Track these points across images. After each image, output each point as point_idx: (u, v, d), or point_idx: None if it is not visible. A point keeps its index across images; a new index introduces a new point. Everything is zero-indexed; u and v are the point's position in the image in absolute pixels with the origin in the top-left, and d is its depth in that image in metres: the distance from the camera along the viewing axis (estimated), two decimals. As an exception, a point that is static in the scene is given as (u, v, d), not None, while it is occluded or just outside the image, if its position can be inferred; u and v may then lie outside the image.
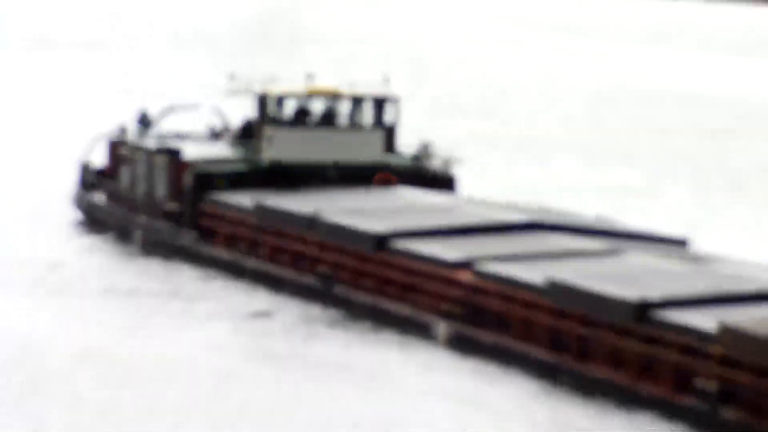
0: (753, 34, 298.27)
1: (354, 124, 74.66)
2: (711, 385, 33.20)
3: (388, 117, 74.41)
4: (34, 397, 40.80)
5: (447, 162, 74.35)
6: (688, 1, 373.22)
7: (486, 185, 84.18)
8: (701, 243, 60.20)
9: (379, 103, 73.51)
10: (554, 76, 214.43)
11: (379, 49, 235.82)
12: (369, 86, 77.16)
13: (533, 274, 47.44)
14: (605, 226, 62.73)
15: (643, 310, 38.66)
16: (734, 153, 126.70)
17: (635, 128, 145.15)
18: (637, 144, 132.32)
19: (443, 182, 72.34)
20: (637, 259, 52.76)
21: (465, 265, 50.94)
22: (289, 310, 56.01)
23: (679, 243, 58.32)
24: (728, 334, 34.07)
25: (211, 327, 52.82)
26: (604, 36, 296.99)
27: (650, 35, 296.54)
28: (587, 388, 39.23)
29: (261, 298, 58.78)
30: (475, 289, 49.68)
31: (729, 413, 32.36)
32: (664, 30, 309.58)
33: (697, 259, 52.92)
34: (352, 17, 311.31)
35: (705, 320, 35.00)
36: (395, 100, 75.50)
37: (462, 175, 76.91)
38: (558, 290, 43.95)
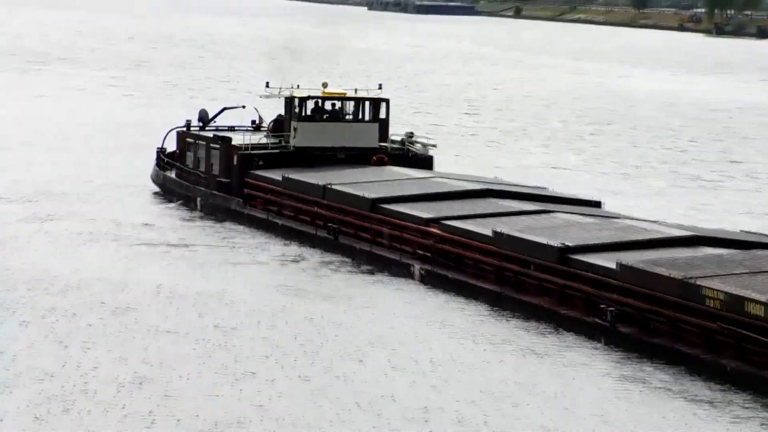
0: (669, 53, 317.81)
1: (356, 119, 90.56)
2: (612, 309, 46.79)
3: (381, 114, 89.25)
4: (117, 322, 52.44)
5: (425, 147, 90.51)
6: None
7: (463, 164, 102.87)
8: (612, 205, 74.73)
9: (375, 104, 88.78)
10: (518, 84, 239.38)
11: (389, 64, 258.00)
12: (368, 91, 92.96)
13: (484, 228, 61.40)
14: (540, 192, 78.22)
15: (563, 253, 52.96)
16: (648, 141, 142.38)
17: (578, 122, 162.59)
18: (578, 134, 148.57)
19: (423, 161, 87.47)
20: (562, 216, 66.04)
21: (434, 221, 64.99)
22: (310, 257, 68.54)
23: (595, 204, 72.10)
24: (626, 270, 48.41)
25: (252, 269, 66.26)
26: (557, 55, 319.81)
27: (593, 55, 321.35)
28: (524, 312, 52.56)
29: (289, 248, 71.06)
30: (441, 239, 63.42)
31: (625, 329, 46.37)
32: (600, 50, 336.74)
33: (607, 217, 67.02)
34: (370, 41, 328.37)
35: (609, 261, 49.31)
36: (387, 101, 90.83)
37: (445, 156, 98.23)
38: (501, 239, 57.95)
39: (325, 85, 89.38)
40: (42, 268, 63.79)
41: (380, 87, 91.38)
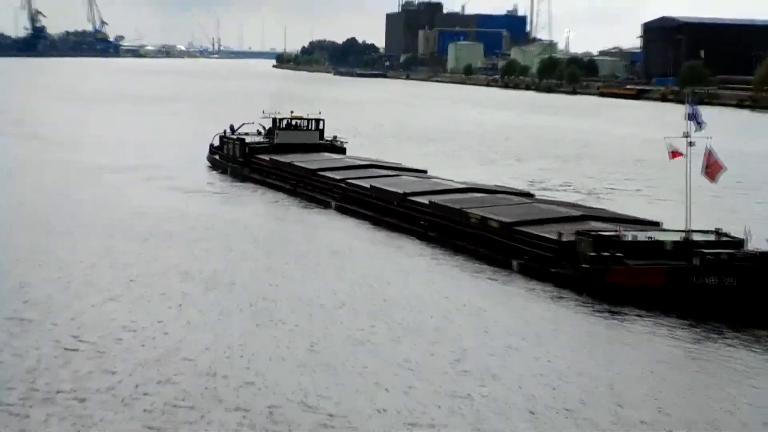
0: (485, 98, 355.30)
1: (307, 128, 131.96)
2: (424, 223, 77.97)
3: (320, 126, 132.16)
4: (184, 227, 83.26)
5: (342, 143, 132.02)
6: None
7: (363, 152, 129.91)
8: (435, 173, 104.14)
9: (317, 121, 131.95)
10: (408, 113, 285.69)
11: (342, 105, 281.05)
12: (312, 115, 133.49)
13: (366, 183, 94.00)
14: (399, 166, 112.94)
15: (405, 196, 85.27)
16: (477, 143, 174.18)
17: (444, 135, 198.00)
18: (440, 140, 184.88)
19: (340, 150, 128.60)
20: (406, 178, 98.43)
21: (342, 180, 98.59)
22: (282, 199, 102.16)
23: (423, 172, 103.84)
24: (433, 205, 79.07)
25: (249, 202, 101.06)
26: (432, 98, 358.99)
27: (447, 98, 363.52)
28: (385, 225, 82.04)
29: (269, 195, 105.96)
30: (345, 189, 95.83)
31: (432, 233, 77.32)
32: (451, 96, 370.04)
33: (429, 178, 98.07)
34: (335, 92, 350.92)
35: (425, 199, 79.67)
36: (323, 120, 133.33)
37: (352, 148, 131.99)
38: (375, 189, 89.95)
39: (292, 111, 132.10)
40: (140, 204, 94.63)
41: (320, 112, 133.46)
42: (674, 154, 59.53)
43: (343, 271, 64.98)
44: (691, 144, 58.03)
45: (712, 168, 57.28)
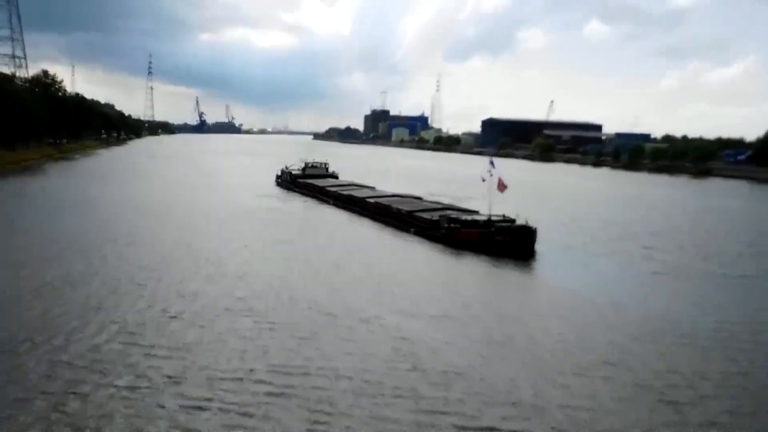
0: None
1: (321, 166, 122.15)
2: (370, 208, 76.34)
3: (327, 166, 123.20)
4: (254, 217, 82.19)
5: (336, 173, 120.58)
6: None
7: (349, 177, 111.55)
8: (426, 197, 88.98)
9: (325, 163, 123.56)
10: (393, 164, 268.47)
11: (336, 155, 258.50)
12: (323, 162, 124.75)
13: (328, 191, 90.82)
14: (358, 184, 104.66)
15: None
16: (405, 178, 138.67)
17: (406, 175, 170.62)
18: (408, 178, 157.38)
19: (336, 176, 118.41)
20: (359, 191, 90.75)
21: (332, 186, 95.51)
22: (311, 202, 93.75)
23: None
24: (371, 201, 78.56)
25: (296, 203, 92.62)
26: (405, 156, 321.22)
27: (414, 156, 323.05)
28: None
29: (308, 201, 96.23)
30: (338, 194, 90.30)
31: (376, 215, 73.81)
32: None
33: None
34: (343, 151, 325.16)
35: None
36: (327, 164, 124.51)
37: (344, 176, 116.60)
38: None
39: (306, 161, 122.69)
40: (245, 201, 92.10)
41: (326, 162, 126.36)
42: (484, 179, 62.29)
43: (332, 231, 67.37)
44: (491, 174, 60.46)
45: (500, 186, 60.02)
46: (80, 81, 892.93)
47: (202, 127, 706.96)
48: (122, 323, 31.80)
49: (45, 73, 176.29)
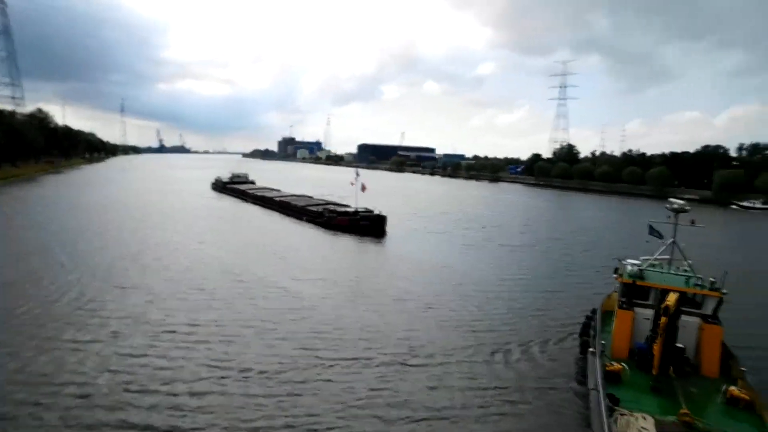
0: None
1: (244, 176, 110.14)
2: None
3: (249, 176, 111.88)
4: (202, 213, 79.70)
5: (254, 181, 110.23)
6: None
7: (266, 183, 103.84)
8: (317, 196, 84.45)
9: (246, 174, 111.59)
10: (298, 175, 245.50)
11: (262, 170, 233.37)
12: (245, 171, 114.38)
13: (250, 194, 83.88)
14: (274, 188, 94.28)
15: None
16: (330, 182, 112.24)
17: (311, 183, 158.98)
18: (307, 182, 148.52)
19: (254, 183, 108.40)
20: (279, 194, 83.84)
21: (255, 189, 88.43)
22: (235, 200, 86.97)
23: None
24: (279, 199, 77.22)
25: (228, 200, 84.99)
26: (304, 168, 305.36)
27: (311, 169, 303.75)
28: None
29: (230, 199, 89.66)
30: (255, 195, 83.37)
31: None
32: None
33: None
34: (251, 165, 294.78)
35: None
36: (248, 173, 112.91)
37: (261, 183, 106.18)
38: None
39: (233, 172, 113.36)
40: (185, 201, 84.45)
41: (247, 173, 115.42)
42: (352, 183, 61.01)
43: (249, 219, 63.52)
44: (356, 180, 58.85)
45: (363, 188, 59.44)
46: (72, 117, 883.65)
47: (161, 149, 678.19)
48: (80, 291, 28.89)
49: (39, 110, 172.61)
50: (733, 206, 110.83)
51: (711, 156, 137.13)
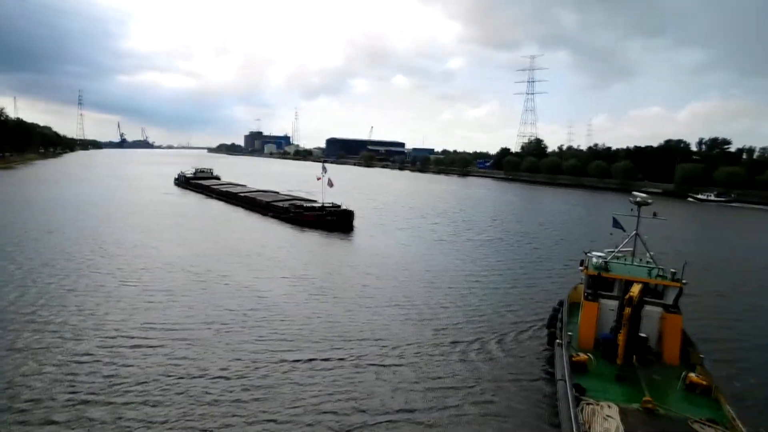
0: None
1: (208, 171, 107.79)
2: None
3: (213, 170, 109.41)
4: (160, 207, 78.47)
5: (219, 176, 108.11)
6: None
7: (229, 178, 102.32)
8: (283, 191, 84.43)
9: (211, 169, 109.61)
10: (264, 169, 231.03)
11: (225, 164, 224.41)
12: (210, 167, 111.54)
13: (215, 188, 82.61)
14: (239, 183, 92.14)
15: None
16: (296, 177, 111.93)
17: (277, 178, 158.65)
18: (275, 180, 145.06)
19: (218, 178, 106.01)
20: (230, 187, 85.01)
21: (219, 185, 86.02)
22: (199, 196, 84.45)
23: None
24: (247, 194, 78.95)
25: (189, 199, 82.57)
26: (272, 163, 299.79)
27: (279, 163, 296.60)
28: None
29: (194, 195, 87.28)
30: (219, 192, 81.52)
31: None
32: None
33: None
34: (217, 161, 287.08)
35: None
36: (213, 169, 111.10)
37: (226, 177, 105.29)
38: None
39: (196, 168, 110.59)
40: (149, 198, 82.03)
41: (212, 168, 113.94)
42: (319, 178, 59.97)
43: (215, 217, 61.82)
44: (323, 175, 58.03)
45: (330, 184, 57.88)
46: (26, 110, 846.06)
47: (123, 144, 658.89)
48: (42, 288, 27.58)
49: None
50: (690, 199, 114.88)
51: (673, 150, 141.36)
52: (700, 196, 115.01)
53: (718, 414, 14.72)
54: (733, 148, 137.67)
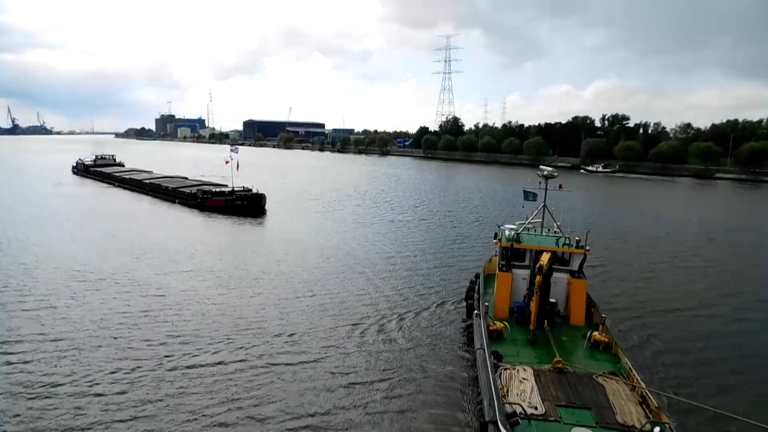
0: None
1: (110, 158, 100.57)
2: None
3: (115, 157, 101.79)
4: (56, 198, 72.28)
5: (122, 163, 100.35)
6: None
7: (150, 166, 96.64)
8: (192, 177, 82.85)
9: (113, 156, 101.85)
10: (180, 154, 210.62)
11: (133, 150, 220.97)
12: (112, 153, 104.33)
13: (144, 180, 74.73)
14: (177, 176, 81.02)
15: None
16: (211, 162, 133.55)
17: (189, 163, 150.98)
18: (185, 165, 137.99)
19: (122, 165, 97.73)
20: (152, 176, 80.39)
21: (149, 179, 75.12)
22: (100, 185, 78.65)
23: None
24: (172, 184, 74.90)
25: (88, 188, 76.24)
26: (188, 148, 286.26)
27: (194, 147, 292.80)
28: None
29: (95, 184, 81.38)
30: (121, 178, 76.76)
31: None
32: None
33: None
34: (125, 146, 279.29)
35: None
36: (115, 155, 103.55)
37: (139, 165, 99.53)
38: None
39: (96, 155, 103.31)
40: (44, 189, 75.46)
41: (114, 154, 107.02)
42: (227, 162, 58.19)
43: (115, 207, 57.62)
44: (231, 159, 56.32)
45: (239, 167, 56.26)
46: None
47: (15, 130, 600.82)
48: None
49: None
50: (582, 171, 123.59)
51: (579, 126, 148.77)
52: (590, 168, 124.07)
53: (617, 367, 16.08)
54: (631, 124, 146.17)
